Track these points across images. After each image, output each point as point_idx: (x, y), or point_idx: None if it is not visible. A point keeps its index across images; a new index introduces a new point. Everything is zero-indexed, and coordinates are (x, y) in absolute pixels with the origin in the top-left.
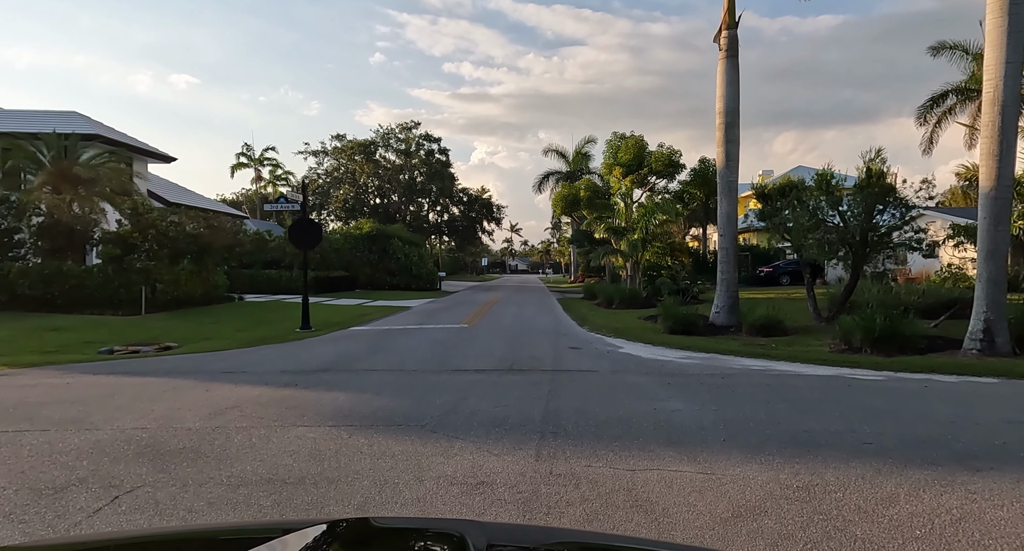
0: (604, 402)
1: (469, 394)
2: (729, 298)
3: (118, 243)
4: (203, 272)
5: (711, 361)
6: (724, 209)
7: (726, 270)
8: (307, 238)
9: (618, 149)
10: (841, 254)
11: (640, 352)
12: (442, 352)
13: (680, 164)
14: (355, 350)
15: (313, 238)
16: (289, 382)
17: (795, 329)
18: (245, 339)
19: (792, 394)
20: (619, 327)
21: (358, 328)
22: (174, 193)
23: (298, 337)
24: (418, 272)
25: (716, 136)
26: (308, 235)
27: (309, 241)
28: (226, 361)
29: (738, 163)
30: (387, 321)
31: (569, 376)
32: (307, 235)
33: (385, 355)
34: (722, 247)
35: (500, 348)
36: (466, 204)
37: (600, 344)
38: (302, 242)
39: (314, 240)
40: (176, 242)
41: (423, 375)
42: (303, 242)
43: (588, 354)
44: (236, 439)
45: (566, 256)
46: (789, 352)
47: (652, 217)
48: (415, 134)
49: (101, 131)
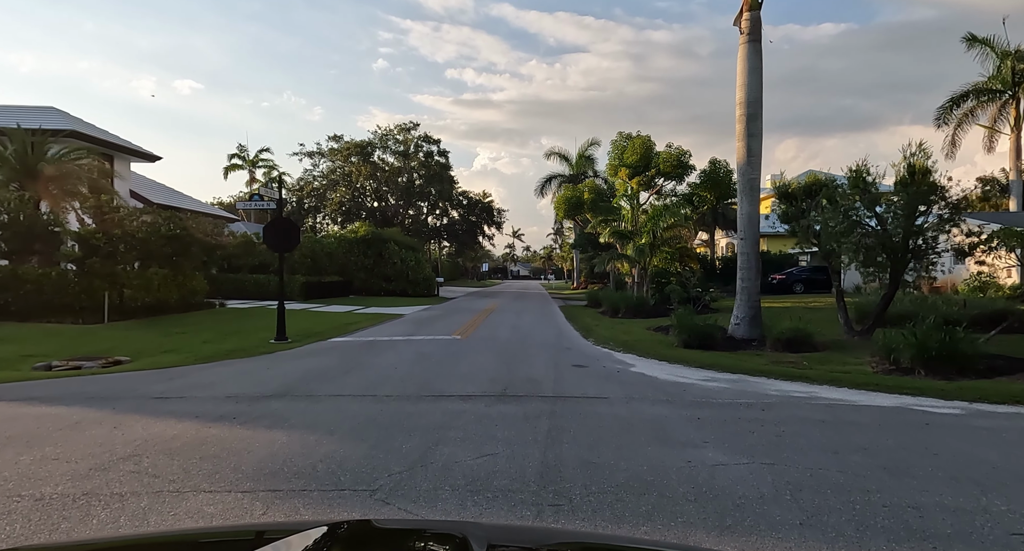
0: (621, 450)
1: (446, 435)
2: (750, 308)
3: (79, 244)
4: (179, 276)
5: (741, 385)
6: (744, 210)
7: (747, 277)
8: (283, 240)
9: (624, 150)
10: (880, 260)
11: (655, 371)
12: (426, 371)
13: (690, 165)
14: (327, 367)
15: (290, 240)
16: (227, 414)
17: (825, 344)
18: (209, 352)
19: (862, 438)
20: (628, 340)
21: (340, 339)
22: (160, 194)
23: (269, 350)
24: (415, 277)
25: (736, 129)
26: (285, 237)
27: (286, 243)
28: (170, 382)
29: (760, 159)
30: (374, 331)
31: (574, 406)
32: (284, 237)
33: (359, 374)
34: (742, 252)
35: (493, 366)
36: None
37: (608, 361)
38: (278, 244)
39: (291, 242)
40: (147, 244)
41: (396, 403)
42: (279, 244)
43: (595, 374)
44: (97, 517)
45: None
46: (827, 372)
47: (661, 220)
48: (414, 135)
49: (77, 127)
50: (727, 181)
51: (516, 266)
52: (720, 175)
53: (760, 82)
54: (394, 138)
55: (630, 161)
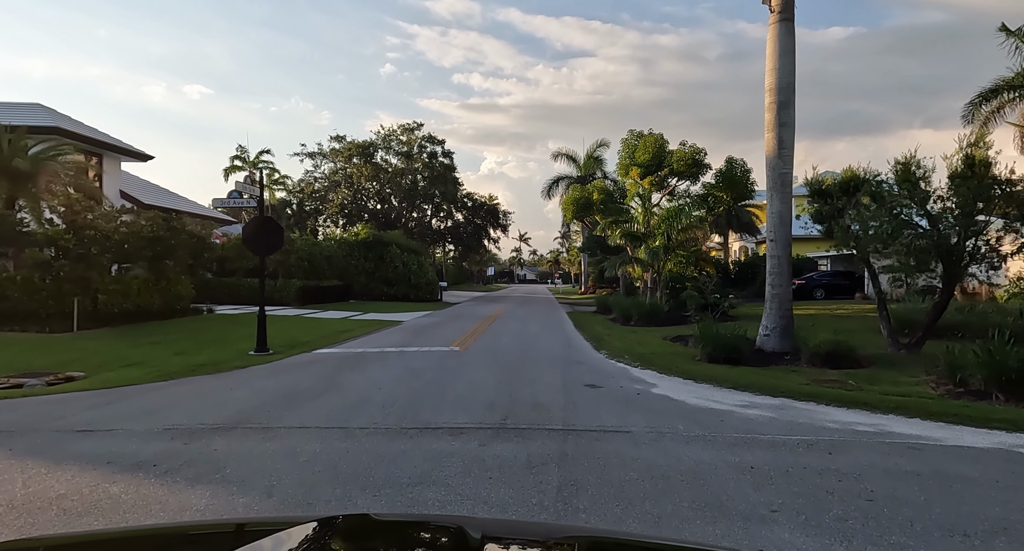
0: (659, 524)
1: (422, 495)
2: (782, 318)
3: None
4: (162, 281)
5: (788, 413)
6: (775, 208)
7: (778, 283)
8: (265, 241)
9: (635, 148)
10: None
11: (682, 393)
12: (414, 392)
13: (705, 164)
14: (301, 386)
15: (273, 241)
16: (150, 458)
17: (868, 358)
18: (177, 366)
19: (989, 505)
20: (644, 352)
21: (326, 350)
22: (153, 194)
23: (244, 364)
24: (417, 282)
25: (765, 119)
26: (267, 238)
27: (268, 245)
28: (107, 408)
29: (793, 152)
30: (367, 341)
31: (590, 445)
32: (265, 238)
33: (335, 397)
34: (772, 255)
35: (493, 385)
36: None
37: (625, 379)
38: (259, 246)
39: (274, 244)
40: (124, 245)
41: (369, 439)
42: (261, 246)
43: (612, 397)
44: None
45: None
46: (884, 396)
47: (676, 222)
48: (417, 136)
49: (62, 124)
50: (744, 181)
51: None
52: (737, 174)
53: (793, 65)
54: (397, 138)
55: (642, 160)
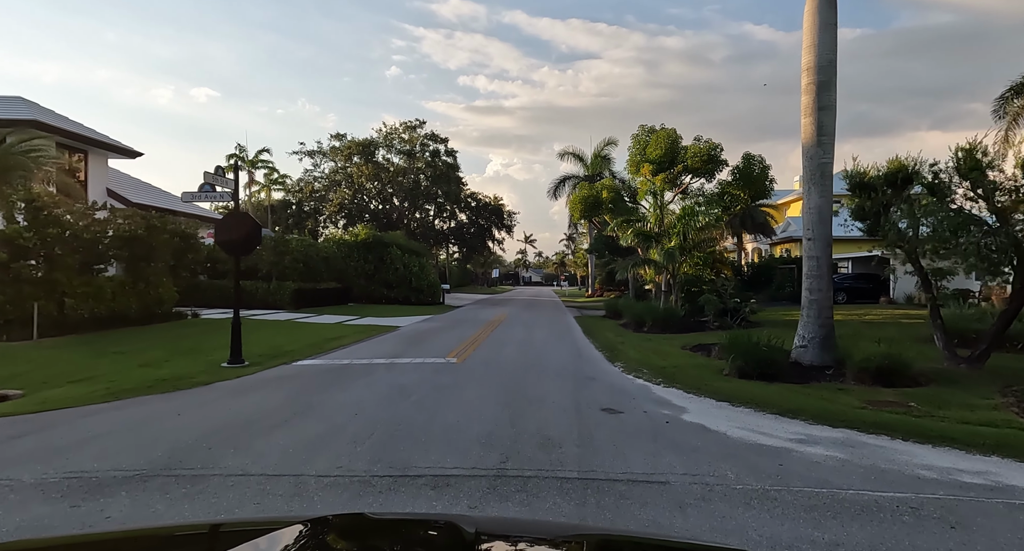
0: None
1: None
2: (822, 327)
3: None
4: (140, 283)
5: (860, 453)
6: (813, 202)
7: (817, 287)
8: (240, 240)
9: (646, 144)
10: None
11: (719, 421)
12: (396, 419)
13: (722, 160)
14: (265, 410)
15: (249, 240)
16: (13, 529)
17: (925, 375)
18: (133, 382)
19: None
20: (664, 365)
21: (309, 362)
22: (142, 193)
23: (211, 378)
24: (418, 284)
25: (801, 103)
26: (241, 236)
27: (243, 244)
28: (17, 442)
29: (834, 139)
30: (356, 350)
31: (616, 506)
32: (240, 235)
33: (300, 426)
34: (810, 255)
35: (492, 410)
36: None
37: (648, 400)
38: (233, 245)
39: (250, 243)
40: (97, 245)
41: (323, 497)
42: (235, 245)
43: (635, 427)
44: None
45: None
46: (965, 427)
47: (692, 220)
48: (420, 134)
49: (42, 117)
50: (762, 178)
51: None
52: (755, 171)
53: (835, 41)
54: (399, 137)
55: (653, 156)
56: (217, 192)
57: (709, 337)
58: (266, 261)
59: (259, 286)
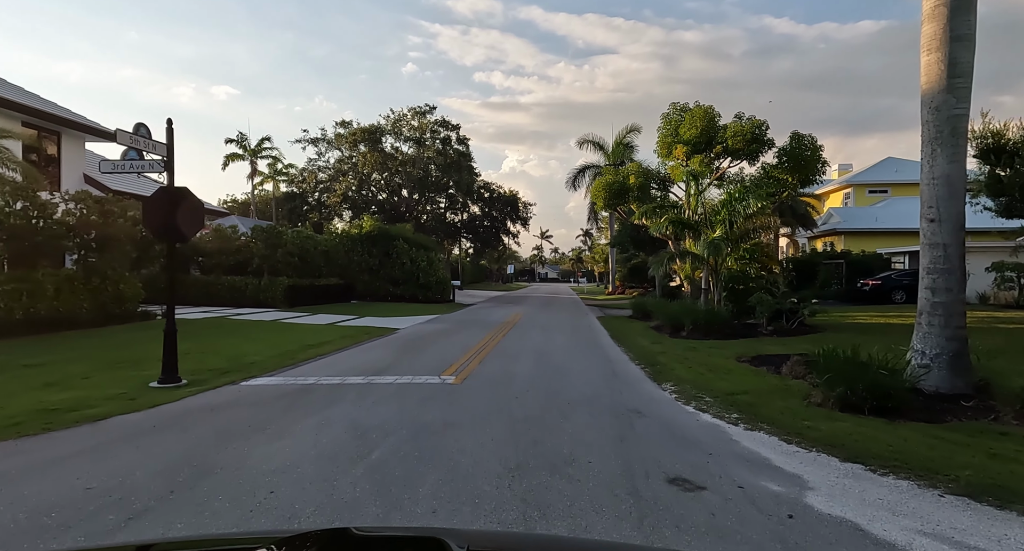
0: None
1: None
2: (951, 340)
3: None
4: (94, 279)
5: None
6: (940, 170)
7: (943, 286)
8: (174, 220)
9: (679, 124)
10: None
11: (879, 517)
12: (328, 510)
13: (768, 140)
14: (127, 484)
15: (186, 222)
16: None
17: None
18: (10, 412)
19: None
20: (730, 389)
21: (263, 380)
22: (128, 181)
23: (114, 410)
24: (426, 281)
25: (922, 34)
26: (178, 216)
27: (179, 227)
28: None
29: (971, 82)
30: (335, 361)
31: None
32: (176, 215)
33: (163, 518)
34: (933, 243)
35: (490, 490)
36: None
37: (733, 460)
38: (167, 227)
39: (189, 225)
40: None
41: None
42: (168, 228)
43: (738, 529)
44: None
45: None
46: None
47: (741, 206)
48: (429, 120)
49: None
50: (814, 160)
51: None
52: (805, 152)
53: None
54: (408, 123)
55: (688, 136)
56: (146, 161)
57: (766, 345)
58: (257, 254)
59: (249, 282)
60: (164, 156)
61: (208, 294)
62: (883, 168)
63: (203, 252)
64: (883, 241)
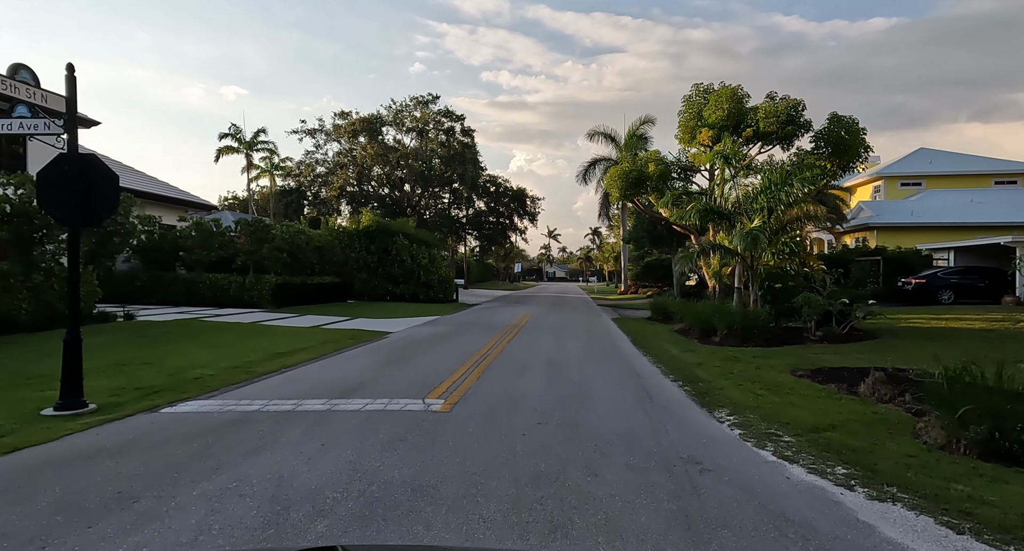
0: None
1: None
2: None
3: None
4: (35, 275)
5: None
6: None
7: None
8: (78, 198)
9: (702, 107)
10: None
11: None
12: None
13: (804, 122)
14: None
15: (93, 199)
16: None
17: None
18: None
19: None
20: (813, 421)
21: (195, 405)
22: None
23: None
24: (428, 279)
25: None
26: (83, 192)
27: (84, 206)
28: None
29: None
30: (300, 375)
31: None
32: (81, 191)
33: None
34: None
35: None
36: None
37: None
38: (68, 208)
39: (97, 205)
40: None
41: None
42: (68, 207)
43: None
44: None
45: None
46: None
47: (782, 192)
48: (432, 110)
49: None
50: (855, 144)
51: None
52: (844, 134)
53: None
54: (410, 114)
55: (713, 119)
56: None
57: (819, 354)
58: (242, 250)
59: (233, 280)
60: (65, 112)
61: (188, 293)
62: (916, 159)
63: (184, 247)
64: (920, 236)
